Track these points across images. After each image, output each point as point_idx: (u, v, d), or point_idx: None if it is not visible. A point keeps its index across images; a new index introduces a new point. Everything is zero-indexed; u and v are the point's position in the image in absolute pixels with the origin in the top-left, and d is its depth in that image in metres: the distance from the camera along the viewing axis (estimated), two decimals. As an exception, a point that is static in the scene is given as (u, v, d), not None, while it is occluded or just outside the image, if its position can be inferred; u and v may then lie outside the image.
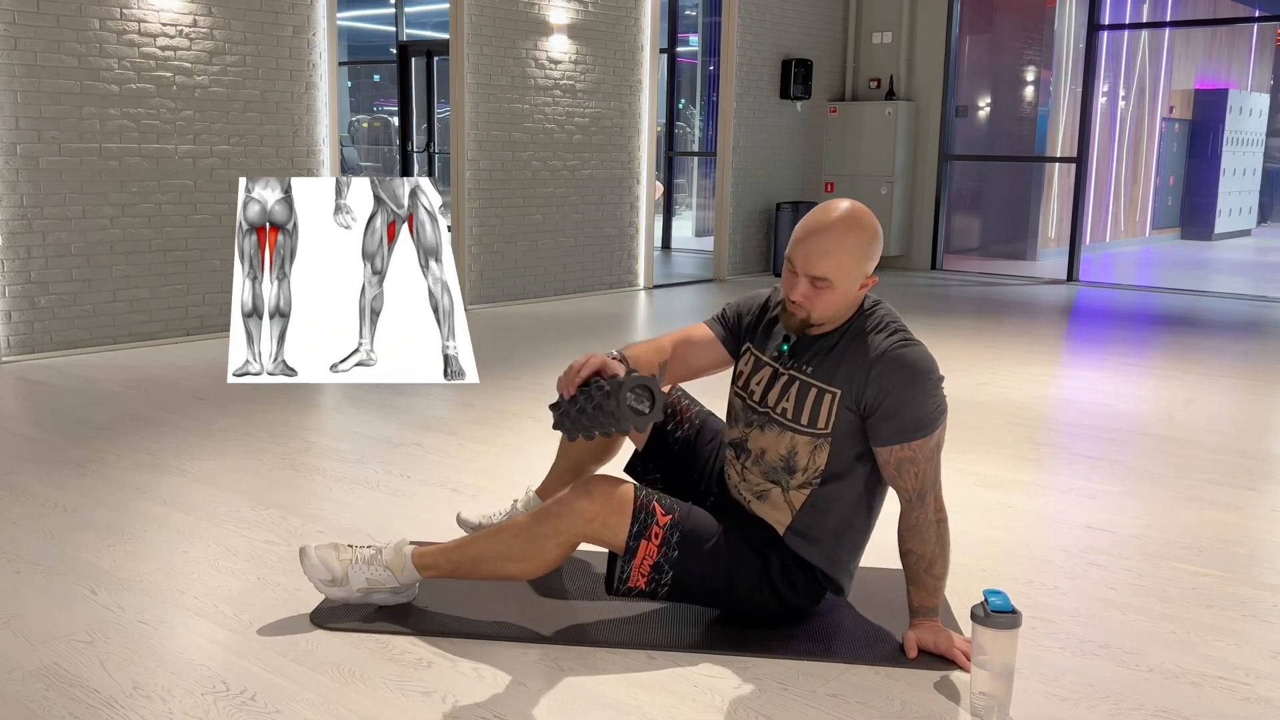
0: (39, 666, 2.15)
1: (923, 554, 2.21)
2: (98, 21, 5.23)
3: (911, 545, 2.22)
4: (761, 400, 2.30)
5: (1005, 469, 3.63)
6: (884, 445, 2.19)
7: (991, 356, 5.63)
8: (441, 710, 2.01)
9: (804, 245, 2.16)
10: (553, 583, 2.58)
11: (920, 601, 2.24)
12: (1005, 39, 11.46)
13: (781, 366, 2.29)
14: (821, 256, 2.14)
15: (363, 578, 2.35)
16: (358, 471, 3.49)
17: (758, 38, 8.93)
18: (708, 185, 13.87)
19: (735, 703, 2.06)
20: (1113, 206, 12.72)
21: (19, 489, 3.24)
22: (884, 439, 2.19)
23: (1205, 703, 2.10)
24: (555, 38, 7.33)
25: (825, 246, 2.14)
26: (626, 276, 8.16)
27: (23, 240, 5.11)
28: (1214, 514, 3.21)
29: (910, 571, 2.24)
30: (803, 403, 2.24)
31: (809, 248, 2.15)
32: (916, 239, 9.69)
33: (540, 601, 2.49)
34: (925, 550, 2.21)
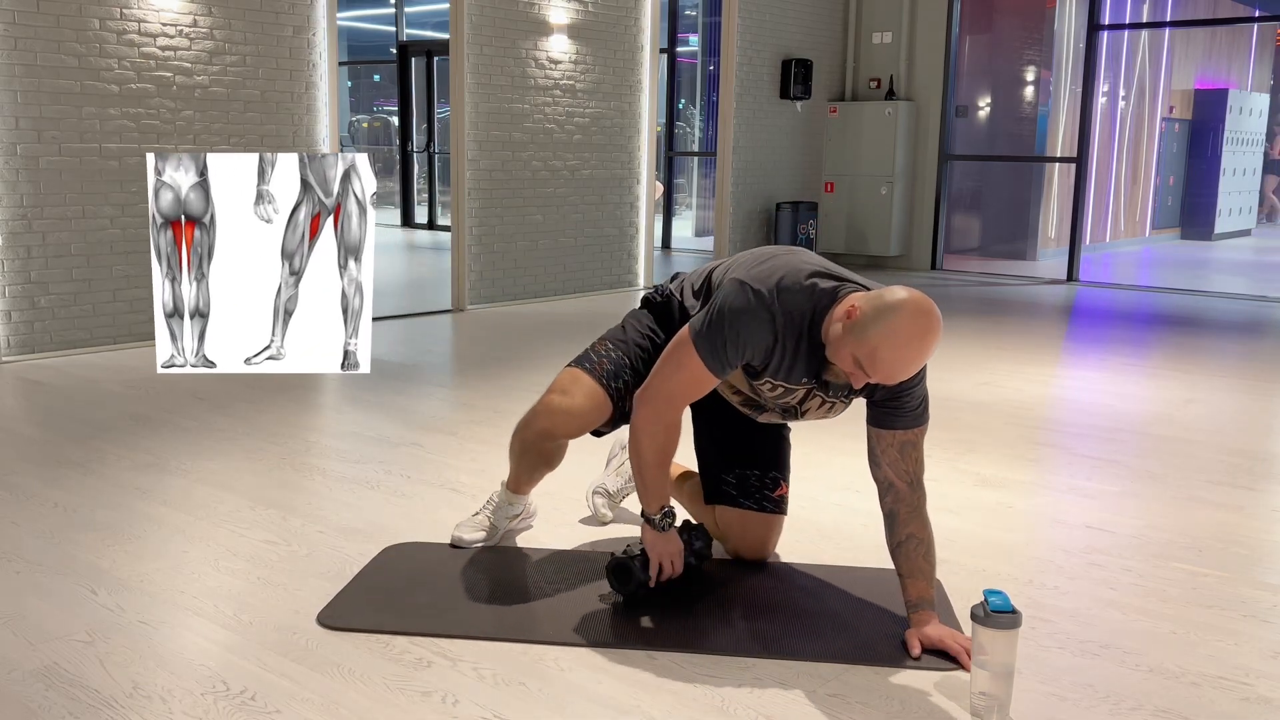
0: (39, 666, 2.15)
1: (923, 538, 2.26)
2: (98, 21, 5.24)
3: (913, 529, 2.26)
4: (801, 407, 2.43)
5: (1005, 469, 3.63)
6: (893, 429, 2.28)
7: (991, 356, 5.63)
8: (441, 710, 2.01)
9: (892, 371, 2.10)
10: (552, 583, 2.59)
11: (920, 593, 2.26)
12: (1005, 39, 11.46)
13: (822, 394, 2.37)
14: (906, 375, 2.14)
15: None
16: (358, 471, 3.49)
17: (758, 38, 8.93)
18: (708, 185, 13.87)
19: (735, 703, 2.06)
20: (1113, 206, 12.72)
21: (19, 489, 3.24)
22: (895, 424, 2.28)
23: (1205, 703, 2.10)
24: (555, 38, 7.33)
25: (914, 368, 2.13)
26: (626, 276, 8.16)
27: (23, 240, 5.11)
28: (1214, 514, 3.21)
29: (909, 562, 2.27)
30: (839, 411, 2.46)
31: (897, 373, 2.11)
32: (916, 239, 9.69)
33: (540, 601, 2.49)
34: (925, 534, 2.27)
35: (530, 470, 2.72)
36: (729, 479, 2.67)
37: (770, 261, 2.29)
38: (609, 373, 2.53)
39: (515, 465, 2.73)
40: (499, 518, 2.81)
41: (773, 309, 2.20)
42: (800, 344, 2.23)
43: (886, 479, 2.30)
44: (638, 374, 2.51)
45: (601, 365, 2.54)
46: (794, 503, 3.20)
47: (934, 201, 9.57)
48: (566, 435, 2.59)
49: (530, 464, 2.70)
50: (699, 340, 2.25)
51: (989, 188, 11.60)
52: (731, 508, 2.66)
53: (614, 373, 2.53)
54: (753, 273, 2.26)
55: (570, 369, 2.57)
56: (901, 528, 2.28)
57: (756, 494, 2.65)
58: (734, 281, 2.25)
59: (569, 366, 2.58)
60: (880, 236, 9.50)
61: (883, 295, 2.10)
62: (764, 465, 2.67)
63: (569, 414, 2.52)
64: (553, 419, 2.54)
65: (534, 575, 2.64)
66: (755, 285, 2.22)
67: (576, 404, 2.51)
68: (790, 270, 2.24)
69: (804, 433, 3.97)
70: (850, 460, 3.67)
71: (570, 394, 2.52)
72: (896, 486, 2.29)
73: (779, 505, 2.67)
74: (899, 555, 2.29)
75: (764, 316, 2.20)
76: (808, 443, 3.88)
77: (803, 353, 2.24)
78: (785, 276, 2.22)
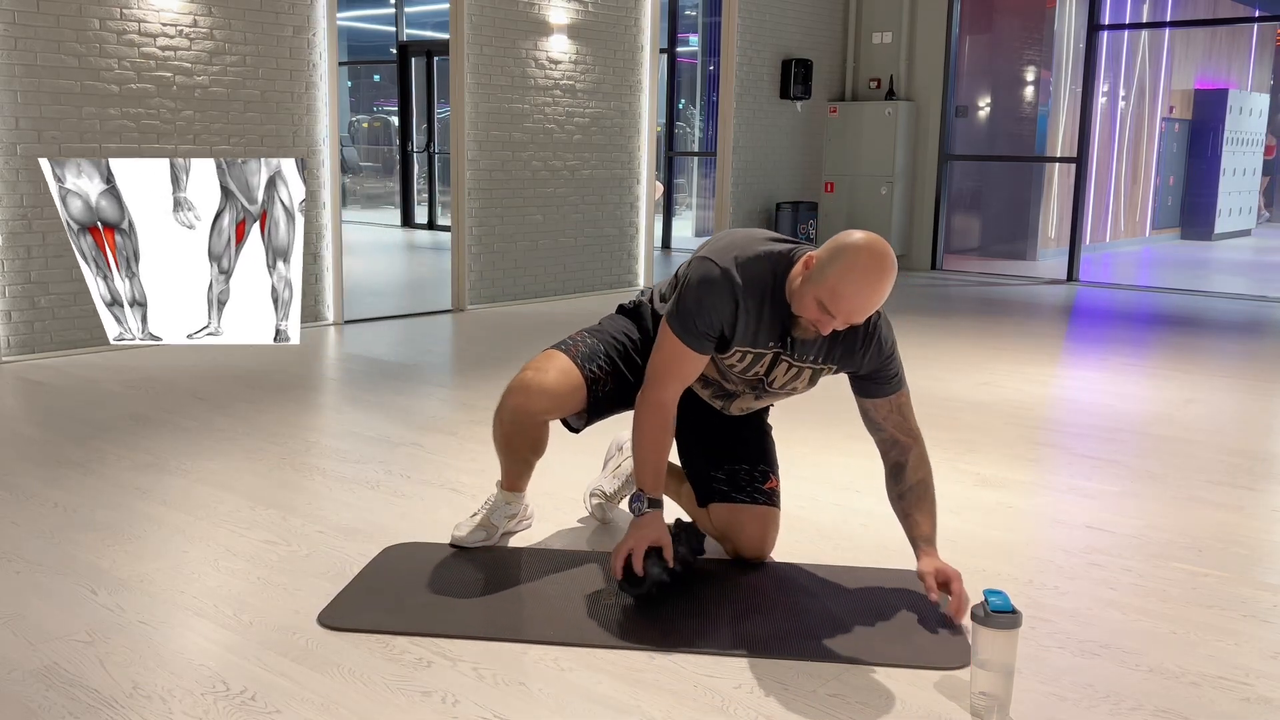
0: (39, 666, 2.15)
1: (929, 482, 2.51)
2: (98, 21, 5.23)
3: (922, 475, 2.50)
4: (768, 377, 2.50)
5: (1005, 469, 3.63)
6: (887, 397, 2.48)
7: (991, 356, 5.63)
8: (441, 710, 2.01)
9: (853, 306, 2.23)
10: (553, 583, 2.59)
11: (928, 530, 2.48)
12: (1005, 39, 11.46)
13: (789, 358, 2.46)
14: (866, 311, 2.26)
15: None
16: (358, 471, 3.49)
17: (758, 38, 8.93)
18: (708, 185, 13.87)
19: (735, 703, 2.06)
20: (1113, 206, 12.72)
21: (19, 489, 3.24)
22: (886, 392, 2.48)
23: (1205, 703, 2.10)
24: (555, 38, 7.33)
25: (873, 304, 2.25)
26: (626, 276, 8.16)
27: (23, 240, 5.11)
28: (1214, 514, 3.21)
29: (921, 501, 2.49)
30: (805, 380, 2.53)
31: (857, 308, 2.24)
32: (916, 239, 9.69)
33: (540, 601, 2.49)
34: (930, 479, 2.52)
35: (517, 459, 2.74)
36: (719, 476, 2.70)
37: (727, 238, 2.46)
38: (584, 355, 2.61)
39: (502, 458, 2.76)
40: (497, 517, 2.82)
41: (731, 276, 2.34)
42: (764, 306, 2.37)
43: (891, 437, 2.51)
44: (613, 363, 2.62)
45: (577, 348, 2.63)
46: (794, 503, 3.20)
47: (934, 201, 9.58)
48: (541, 412, 2.60)
49: (514, 451, 2.71)
50: (671, 319, 2.41)
51: (989, 188, 11.60)
52: (725, 504, 2.68)
53: (589, 355, 2.60)
54: (711, 249, 2.42)
55: (546, 350, 2.66)
56: (912, 474, 2.49)
57: (748, 487, 2.68)
58: (696, 259, 2.41)
59: (545, 350, 2.67)
60: (880, 236, 9.49)
61: (838, 239, 2.28)
62: (751, 459, 2.72)
63: (542, 389, 2.56)
64: (527, 394, 2.57)
65: (534, 575, 2.64)
66: (714, 258, 2.37)
67: (550, 379, 2.56)
68: (746, 241, 2.42)
69: (804, 433, 3.97)
70: (850, 460, 3.67)
71: (544, 370, 2.58)
72: (901, 441, 2.50)
73: (771, 498, 2.71)
74: (909, 497, 2.50)
75: (724, 284, 2.34)
76: (808, 442, 3.88)
77: (766, 315, 2.37)
78: (742, 248, 2.39)
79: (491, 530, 2.82)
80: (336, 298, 6.31)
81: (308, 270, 6.17)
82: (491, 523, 2.82)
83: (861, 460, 3.69)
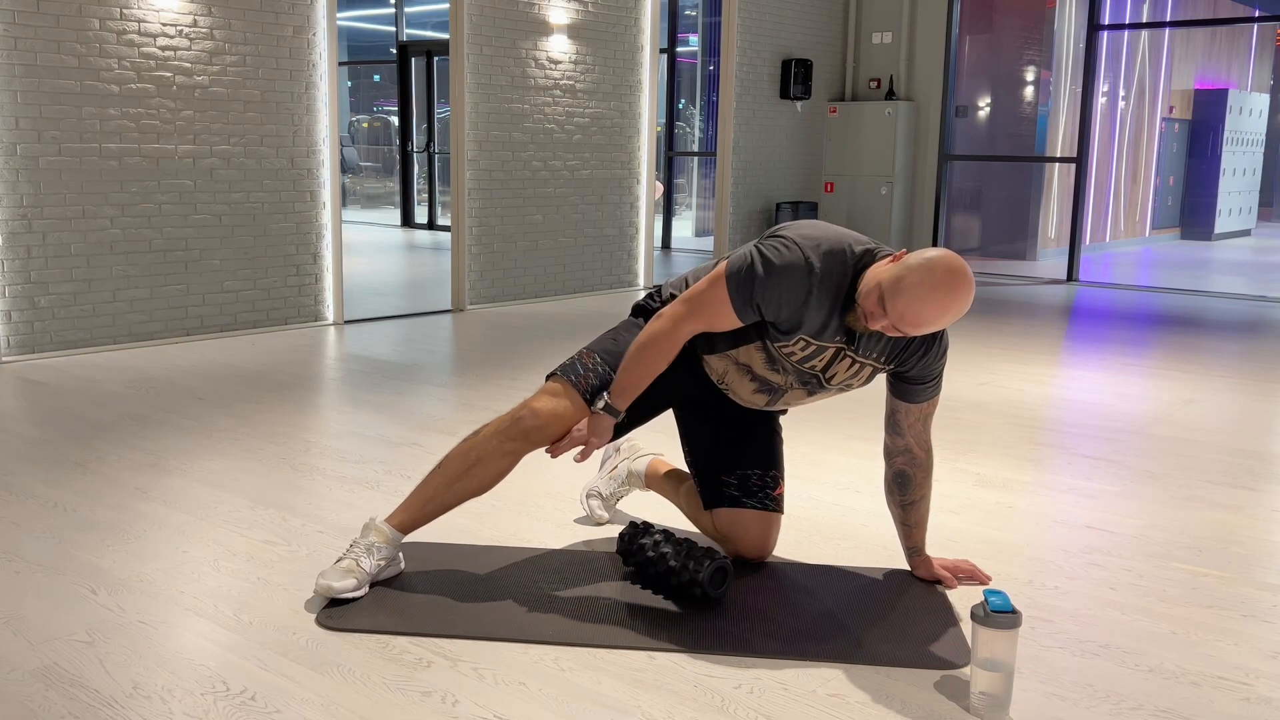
0: (39, 666, 2.15)
1: (929, 497, 2.57)
2: (98, 21, 5.24)
3: (925, 490, 2.54)
4: (826, 372, 2.45)
5: (1005, 469, 3.64)
6: (920, 403, 2.47)
7: (991, 356, 5.63)
8: (441, 710, 2.01)
9: (905, 309, 2.13)
10: (552, 583, 2.59)
11: (922, 539, 2.59)
12: (1005, 39, 11.46)
13: (853, 353, 2.40)
14: (919, 325, 2.16)
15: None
16: (358, 471, 3.49)
17: (758, 38, 8.93)
18: (708, 185, 13.88)
19: (735, 703, 2.06)
20: (1113, 206, 12.72)
21: (19, 489, 3.24)
22: (922, 397, 2.47)
23: (1205, 703, 2.10)
24: (555, 38, 7.33)
25: (927, 320, 2.15)
26: (626, 276, 8.16)
27: (23, 240, 5.11)
28: (1214, 514, 3.21)
29: (918, 515, 2.55)
30: (864, 377, 2.49)
31: (909, 314, 2.14)
32: (916, 239, 9.69)
33: (540, 601, 2.49)
34: (930, 493, 2.60)
35: (466, 489, 2.50)
36: (730, 480, 2.68)
37: (813, 227, 2.37)
38: (593, 388, 2.51)
39: (445, 484, 2.50)
40: (372, 562, 2.49)
41: (813, 267, 2.28)
42: (836, 301, 2.30)
43: (907, 446, 2.51)
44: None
45: (586, 380, 2.51)
46: (794, 502, 3.20)
47: (934, 201, 9.58)
48: (547, 441, 2.50)
49: (476, 478, 2.48)
50: (733, 275, 2.31)
51: (989, 188, 11.60)
52: (735, 509, 2.66)
53: (598, 388, 2.51)
54: (797, 233, 2.33)
55: (555, 381, 2.53)
56: (916, 489, 2.53)
57: (759, 493, 2.67)
58: (780, 240, 2.31)
59: (554, 378, 2.54)
60: (880, 236, 9.50)
61: (938, 249, 2.20)
62: (763, 465, 2.69)
63: (556, 416, 2.46)
64: (539, 419, 2.46)
65: (533, 575, 2.64)
66: (801, 245, 2.29)
67: (562, 406, 2.47)
68: (837, 236, 2.34)
69: (804, 432, 3.98)
70: (850, 460, 3.67)
71: (559, 398, 2.48)
72: (915, 453, 2.51)
73: (779, 504, 2.70)
74: (910, 510, 2.55)
75: (803, 273, 2.27)
76: (808, 443, 3.88)
77: (837, 311, 2.31)
78: (833, 241, 2.32)
79: (363, 580, 2.48)
80: (336, 298, 6.31)
81: (308, 270, 6.18)
82: (367, 572, 2.48)
83: (862, 460, 3.69)
